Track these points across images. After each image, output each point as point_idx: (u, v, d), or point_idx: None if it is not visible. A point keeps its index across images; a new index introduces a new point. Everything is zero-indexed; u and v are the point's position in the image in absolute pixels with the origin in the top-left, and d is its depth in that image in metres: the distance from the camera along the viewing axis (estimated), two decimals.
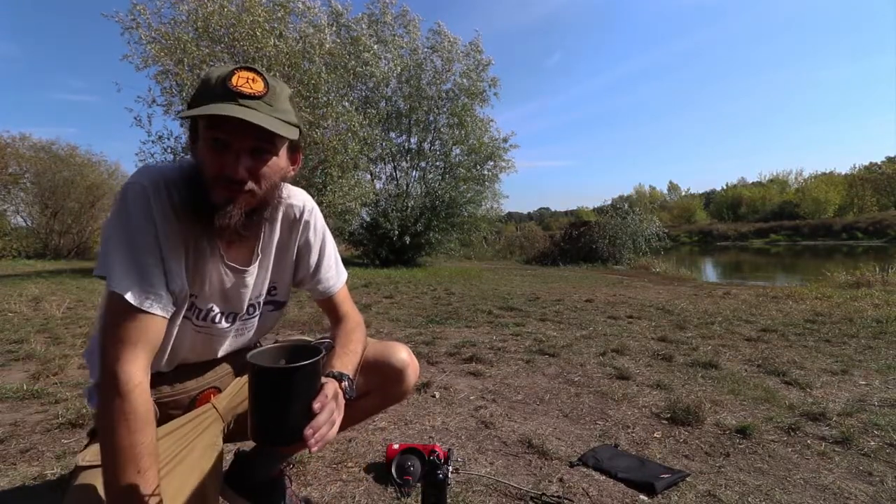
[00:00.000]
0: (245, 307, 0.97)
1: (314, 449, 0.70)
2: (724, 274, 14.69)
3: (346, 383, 0.84)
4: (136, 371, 0.73)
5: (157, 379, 0.91)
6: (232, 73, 0.76)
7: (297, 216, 0.99)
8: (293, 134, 0.81)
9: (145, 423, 0.71)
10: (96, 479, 0.74)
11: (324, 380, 0.77)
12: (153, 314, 0.76)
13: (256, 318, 1.02)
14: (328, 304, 1.08)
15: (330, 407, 0.73)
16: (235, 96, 0.74)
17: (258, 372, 0.69)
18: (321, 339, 1.05)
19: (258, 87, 0.76)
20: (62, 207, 16.46)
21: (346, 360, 0.92)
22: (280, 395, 0.69)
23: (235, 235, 0.82)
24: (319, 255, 1.04)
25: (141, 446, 0.70)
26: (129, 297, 0.73)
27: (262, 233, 0.93)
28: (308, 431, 0.69)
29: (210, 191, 0.78)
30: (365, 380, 1.05)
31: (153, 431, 0.73)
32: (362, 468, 1.49)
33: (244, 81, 0.76)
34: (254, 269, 0.94)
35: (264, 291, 1.00)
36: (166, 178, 0.80)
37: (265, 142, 0.78)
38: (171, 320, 0.83)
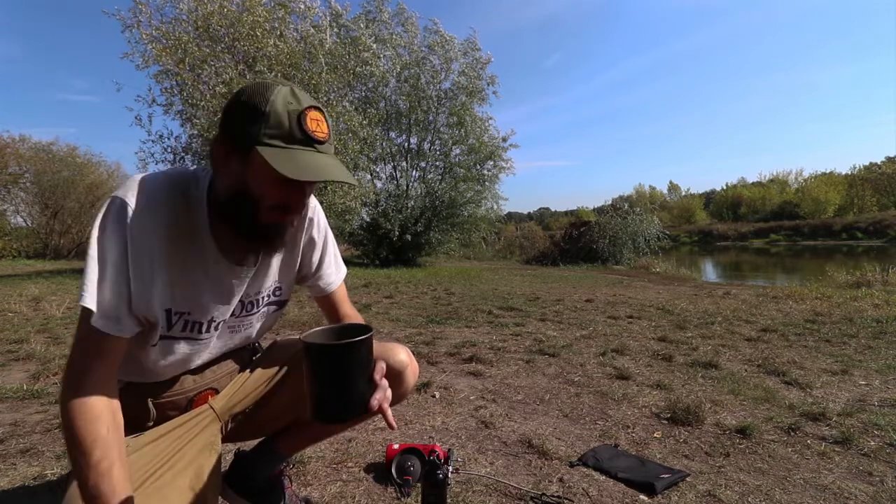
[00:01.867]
0: (243, 309, 0.95)
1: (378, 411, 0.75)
2: (724, 274, 14.70)
3: None
4: (95, 375, 0.73)
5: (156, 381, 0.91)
6: (304, 114, 0.73)
7: (303, 214, 0.99)
8: (354, 181, 0.83)
9: (97, 419, 0.71)
10: None
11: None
12: (111, 335, 0.75)
13: (259, 318, 1.01)
14: (327, 302, 1.08)
15: (385, 378, 0.79)
16: (314, 143, 0.74)
17: (324, 350, 0.72)
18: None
19: (324, 128, 0.75)
20: (62, 207, 16.49)
21: None
22: (349, 369, 0.73)
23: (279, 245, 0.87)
24: (322, 252, 1.04)
25: (101, 439, 0.70)
26: (90, 313, 0.73)
27: None
28: (374, 402, 0.74)
29: (262, 212, 0.77)
30: None
31: (112, 426, 0.73)
32: (362, 468, 1.49)
33: (316, 125, 0.74)
34: (257, 269, 0.93)
35: (269, 291, 0.99)
36: (157, 196, 0.77)
37: None
38: (150, 342, 0.83)
